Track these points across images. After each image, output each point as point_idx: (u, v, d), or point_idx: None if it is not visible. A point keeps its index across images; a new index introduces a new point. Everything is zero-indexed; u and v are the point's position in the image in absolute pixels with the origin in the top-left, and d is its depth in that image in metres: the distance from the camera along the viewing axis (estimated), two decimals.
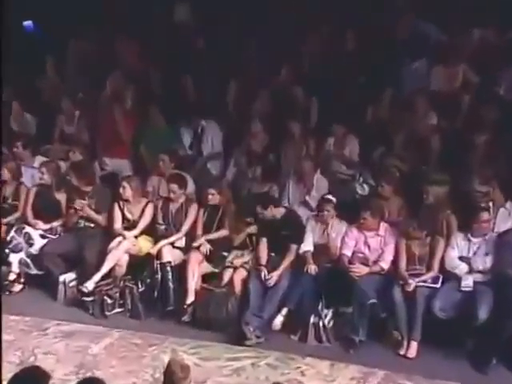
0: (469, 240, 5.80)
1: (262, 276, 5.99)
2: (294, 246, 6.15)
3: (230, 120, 7.63)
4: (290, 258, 6.12)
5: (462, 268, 5.78)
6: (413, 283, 5.70)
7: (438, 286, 5.77)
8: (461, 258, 5.82)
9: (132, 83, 8.04)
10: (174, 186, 6.49)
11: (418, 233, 5.88)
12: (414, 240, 5.91)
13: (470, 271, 5.73)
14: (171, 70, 7.99)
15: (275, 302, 5.94)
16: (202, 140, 7.49)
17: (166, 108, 7.60)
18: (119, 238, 6.48)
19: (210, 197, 6.45)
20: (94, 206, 6.70)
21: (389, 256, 5.98)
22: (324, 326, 5.82)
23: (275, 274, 6.00)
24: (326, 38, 7.70)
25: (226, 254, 6.38)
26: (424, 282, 5.78)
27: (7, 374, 3.81)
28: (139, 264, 6.48)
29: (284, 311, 5.95)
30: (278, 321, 5.93)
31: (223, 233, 6.45)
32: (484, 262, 5.71)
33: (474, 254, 5.77)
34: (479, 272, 5.71)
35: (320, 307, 5.86)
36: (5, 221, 6.67)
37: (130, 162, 7.59)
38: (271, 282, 5.97)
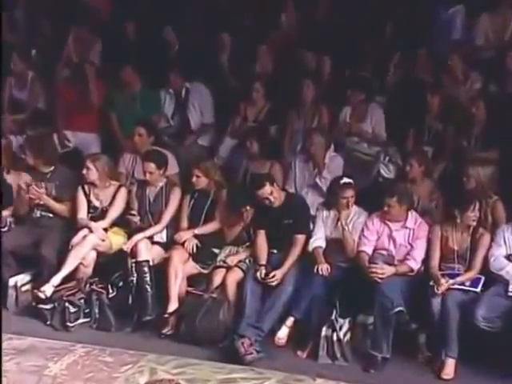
0: None
1: (259, 275, 5.93)
2: (300, 237, 6.08)
3: (222, 82, 7.55)
4: (296, 253, 6.04)
5: (510, 270, 5.70)
6: (444, 283, 5.63)
7: (478, 290, 5.69)
8: (509, 258, 5.74)
9: (99, 36, 7.92)
10: (151, 166, 6.40)
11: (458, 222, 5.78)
12: (451, 232, 5.84)
13: None
14: (148, 19, 7.89)
15: (277, 309, 5.87)
16: (186, 107, 7.42)
17: (143, 67, 7.51)
18: (84, 231, 6.41)
19: (194, 179, 6.37)
20: (55, 191, 6.62)
21: (419, 253, 5.89)
22: (339, 339, 5.75)
23: (279, 273, 5.94)
24: None
25: (216, 250, 6.33)
26: (461, 284, 5.71)
27: None
28: (109, 263, 6.42)
29: (289, 321, 5.88)
30: (283, 333, 5.87)
31: (214, 225, 6.38)
32: None
33: None
34: None
35: (334, 316, 5.78)
36: None
37: (99, 137, 7.53)
38: (274, 282, 5.90)
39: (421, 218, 6.01)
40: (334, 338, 5.75)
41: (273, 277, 5.92)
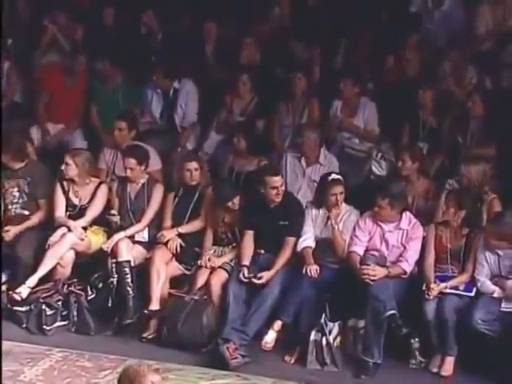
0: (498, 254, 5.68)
1: (241, 276, 5.92)
2: (292, 240, 6.08)
3: (208, 74, 7.57)
4: (286, 255, 6.03)
5: (498, 291, 5.68)
6: (435, 288, 5.66)
7: (472, 294, 5.71)
8: (493, 278, 5.71)
9: (80, 23, 7.94)
10: (132, 161, 6.39)
11: (452, 211, 5.79)
12: (445, 229, 5.86)
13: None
14: (130, 6, 7.92)
15: (263, 313, 5.86)
16: (175, 108, 7.40)
17: (125, 59, 7.54)
18: (62, 230, 6.41)
19: (193, 173, 6.32)
20: (27, 188, 6.62)
21: (412, 255, 5.90)
22: (328, 344, 5.77)
23: (266, 274, 5.92)
24: None
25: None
26: (455, 288, 5.74)
27: None
28: (88, 264, 6.43)
29: (277, 325, 5.87)
30: (270, 338, 5.86)
31: (199, 223, 6.38)
32: None
33: (509, 272, 5.66)
34: None
35: (323, 320, 5.81)
36: None
37: (81, 130, 7.54)
38: (260, 282, 5.88)
39: (415, 219, 6.01)
40: (324, 342, 5.77)
41: (259, 278, 5.91)
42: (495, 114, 6.55)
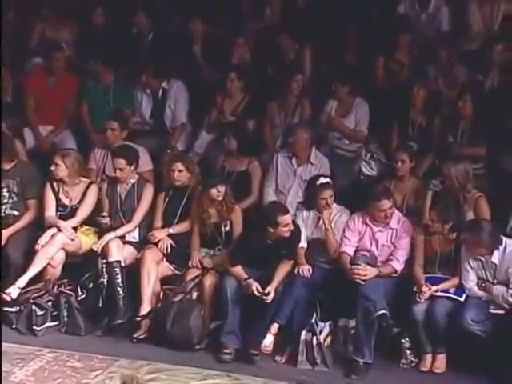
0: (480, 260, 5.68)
1: (255, 290, 5.76)
2: (290, 262, 6.00)
3: (198, 74, 7.58)
4: (285, 273, 5.95)
5: (485, 295, 5.70)
6: (427, 291, 5.67)
7: (462, 299, 5.71)
8: (479, 283, 5.70)
9: (70, 23, 7.95)
10: (121, 162, 6.40)
11: (438, 225, 5.82)
12: (434, 235, 5.86)
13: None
14: (120, 5, 7.92)
15: (264, 324, 5.84)
16: (164, 109, 7.40)
17: (116, 59, 7.54)
18: (53, 230, 6.41)
19: (176, 174, 6.35)
20: (17, 189, 6.62)
21: (403, 254, 5.93)
22: (319, 343, 5.78)
23: (271, 288, 5.80)
24: None
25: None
26: (445, 291, 5.74)
27: None
28: (79, 264, 6.43)
29: (274, 328, 5.84)
30: (268, 341, 5.83)
31: (189, 225, 6.35)
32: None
33: (494, 278, 5.66)
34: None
35: (314, 320, 5.82)
36: None
37: (71, 131, 7.53)
38: (269, 299, 5.79)
39: (404, 217, 6.05)
40: (314, 342, 5.78)
41: (267, 294, 5.80)
42: (485, 114, 6.57)
